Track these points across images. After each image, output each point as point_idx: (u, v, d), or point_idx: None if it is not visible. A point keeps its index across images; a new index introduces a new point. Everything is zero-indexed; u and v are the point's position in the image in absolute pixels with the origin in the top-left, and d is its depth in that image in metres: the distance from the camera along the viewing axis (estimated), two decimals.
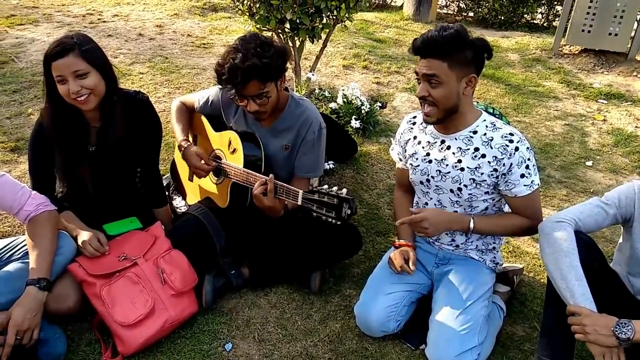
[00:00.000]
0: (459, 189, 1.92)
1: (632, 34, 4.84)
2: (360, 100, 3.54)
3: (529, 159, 1.80)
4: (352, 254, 2.36)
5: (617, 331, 1.52)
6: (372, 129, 3.57)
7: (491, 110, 3.44)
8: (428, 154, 1.97)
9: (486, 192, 1.91)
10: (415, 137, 2.04)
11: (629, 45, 4.90)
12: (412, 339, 2.05)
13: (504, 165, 1.82)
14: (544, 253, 1.73)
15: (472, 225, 1.91)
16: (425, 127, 2.00)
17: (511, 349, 2.06)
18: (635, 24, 4.84)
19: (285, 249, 2.23)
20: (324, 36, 3.61)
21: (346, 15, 3.37)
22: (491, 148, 1.83)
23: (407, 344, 2.04)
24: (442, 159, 1.93)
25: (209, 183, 2.32)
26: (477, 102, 3.52)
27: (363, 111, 3.51)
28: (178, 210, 2.46)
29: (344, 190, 1.77)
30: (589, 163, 3.49)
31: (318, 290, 2.26)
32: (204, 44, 4.91)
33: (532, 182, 1.83)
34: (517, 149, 1.80)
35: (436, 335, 1.89)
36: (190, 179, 2.43)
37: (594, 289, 1.63)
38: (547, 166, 3.44)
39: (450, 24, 1.78)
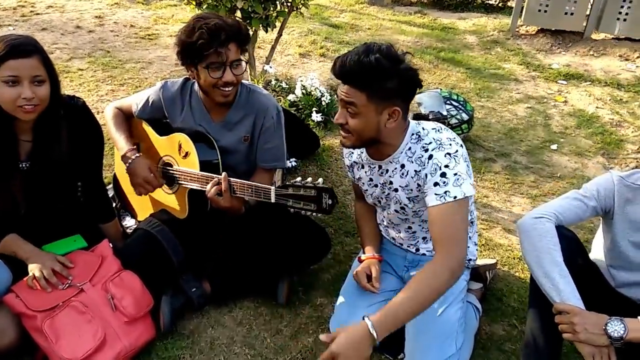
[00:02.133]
0: (402, 208, 1.82)
1: (587, 12, 4.86)
2: (320, 91, 3.37)
3: (446, 166, 1.60)
4: (321, 258, 2.22)
5: (609, 329, 1.45)
6: (333, 121, 3.40)
7: (455, 97, 3.37)
8: (371, 179, 1.87)
9: None
10: (356, 162, 1.91)
11: (585, 24, 4.92)
12: (390, 349, 1.93)
13: (422, 178, 1.66)
14: (525, 251, 1.65)
15: (373, 332, 1.41)
16: (362, 153, 1.86)
17: (492, 350, 1.99)
18: (591, 1, 4.84)
19: (247, 256, 2.07)
20: (278, 25, 3.42)
21: (302, 1, 3.19)
22: (412, 162, 1.70)
23: (386, 354, 1.93)
24: (383, 183, 1.82)
25: (162, 194, 2.11)
26: (441, 90, 3.45)
27: (324, 102, 3.34)
28: (128, 230, 2.25)
29: (320, 180, 1.65)
30: (554, 147, 3.46)
31: (286, 302, 2.12)
32: (149, 35, 4.65)
33: (445, 193, 1.58)
34: (431, 157, 1.64)
35: (412, 346, 1.79)
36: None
37: (577, 285, 1.56)
38: (513, 152, 3.39)
39: (377, 46, 1.56)
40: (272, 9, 3.15)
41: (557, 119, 3.81)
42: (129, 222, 2.28)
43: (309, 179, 1.67)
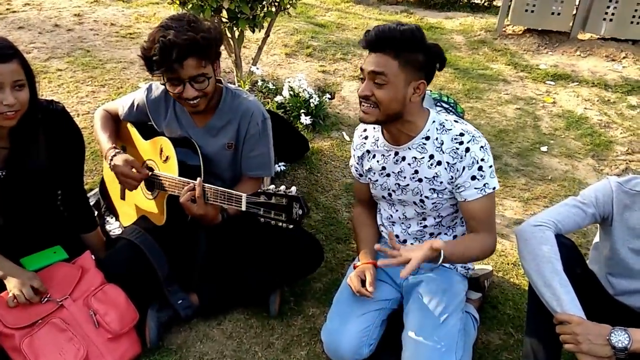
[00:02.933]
0: (422, 201, 1.78)
1: (574, 12, 4.86)
2: (308, 93, 3.30)
3: (482, 159, 1.65)
4: (314, 269, 2.15)
5: (613, 340, 1.41)
6: (322, 123, 3.34)
7: (445, 99, 3.31)
8: (384, 168, 1.82)
9: (451, 198, 1.77)
10: (369, 152, 1.87)
11: (571, 24, 4.91)
12: None
13: (457, 170, 1.67)
14: (524, 260, 1.61)
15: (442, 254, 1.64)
16: (377, 140, 1.83)
17: None
18: (577, 1, 4.84)
19: (238, 268, 2.00)
20: (265, 25, 3.33)
21: (289, 1, 3.11)
22: (443, 153, 1.69)
23: None
24: (399, 172, 1.78)
25: (143, 200, 2.03)
26: (431, 91, 3.39)
27: (312, 104, 3.27)
28: (112, 233, 2.15)
29: (293, 189, 1.58)
30: (544, 148, 3.43)
31: (278, 313, 2.05)
32: (130, 33, 4.50)
33: (484, 186, 1.67)
34: (467, 149, 1.65)
35: (411, 357, 1.73)
36: (123, 198, 2.12)
37: (576, 294, 1.51)
38: (504, 154, 3.35)
39: (407, 24, 1.63)
40: (259, 9, 3.06)
41: (546, 120, 3.79)
42: (114, 225, 2.18)
43: (282, 187, 1.61)
